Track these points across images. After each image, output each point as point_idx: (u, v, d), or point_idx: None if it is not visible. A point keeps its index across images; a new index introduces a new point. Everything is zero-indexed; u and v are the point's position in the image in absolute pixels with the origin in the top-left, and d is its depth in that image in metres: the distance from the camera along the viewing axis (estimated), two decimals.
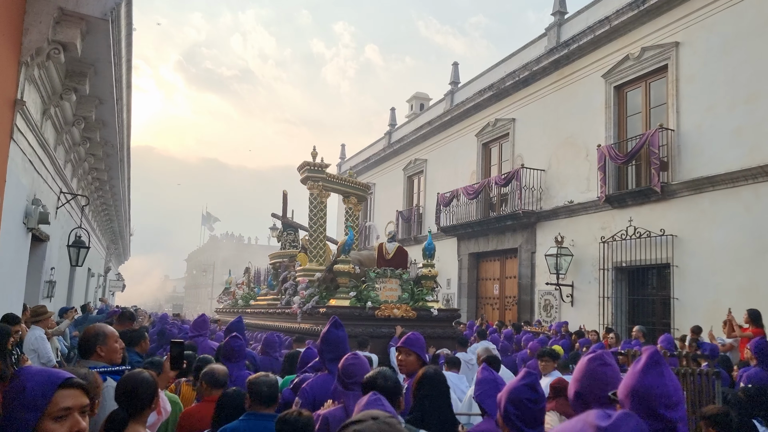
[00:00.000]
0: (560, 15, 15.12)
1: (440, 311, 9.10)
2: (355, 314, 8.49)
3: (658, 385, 1.78)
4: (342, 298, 8.68)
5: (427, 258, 9.48)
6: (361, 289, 8.87)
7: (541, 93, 15.47)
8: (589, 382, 2.12)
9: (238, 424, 3.11)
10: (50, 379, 1.58)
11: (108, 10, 5.94)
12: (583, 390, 2.12)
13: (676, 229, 11.23)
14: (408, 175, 22.81)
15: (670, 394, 1.77)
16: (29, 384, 1.55)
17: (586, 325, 12.05)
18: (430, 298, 9.28)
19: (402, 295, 9.05)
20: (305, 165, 10.56)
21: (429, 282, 9.39)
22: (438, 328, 8.91)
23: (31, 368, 1.62)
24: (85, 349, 3.21)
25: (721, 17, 10.87)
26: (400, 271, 9.29)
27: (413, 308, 8.88)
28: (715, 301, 10.13)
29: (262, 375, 3.30)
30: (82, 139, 9.76)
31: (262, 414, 3.12)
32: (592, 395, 2.09)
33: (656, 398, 1.76)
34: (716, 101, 10.83)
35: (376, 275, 9.00)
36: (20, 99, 5.94)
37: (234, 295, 16.43)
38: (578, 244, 13.56)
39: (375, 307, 8.60)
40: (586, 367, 2.14)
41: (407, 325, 8.33)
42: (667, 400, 1.76)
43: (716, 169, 10.59)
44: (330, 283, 9.22)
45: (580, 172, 13.81)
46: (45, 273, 9.46)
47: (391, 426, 1.45)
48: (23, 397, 1.53)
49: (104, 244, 22.91)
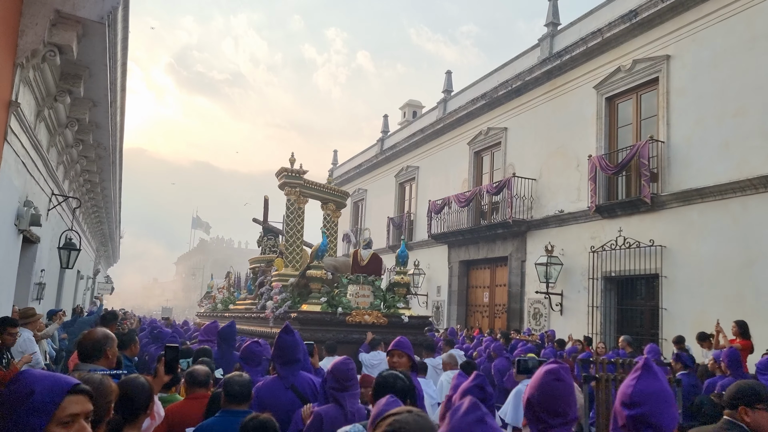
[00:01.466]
0: (553, 26, 15.27)
1: (411, 318, 9.18)
2: (326, 320, 8.53)
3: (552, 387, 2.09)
4: (314, 303, 8.73)
5: (399, 265, 9.60)
6: (333, 294, 8.91)
7: (534, 103, 15.60)
8: (540, 392, 2.19)
9: (214, 420, 3.34)
10: (59, 384, 1.57)
11: (105, 14, 5.95)
12: (533, 399, 2.19)
13: (665, 240, 11.34)
14: (400, 181, 22.88)
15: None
16: (38, 388, 1.53)
17: (574, 334, 12.11)
18: (402, 305, 9.34)
19: (374, 302, 9.10)
20: (283, 171, 10.58)
21: (401, 289, 9.48)
22: (409, 334, 8.94)
23: (35, 372, 1.61)
24: (94, 351, 3.20)
25: (711, 31, 11.03)
26: (373, 278, 9.35)
27: (385, 315, 8.93)
28: (703, 312, 10.23)
29: (236, 375, 3.52)
30: (75, 141, 9.73)
31: (236, 411, 3.32)
32: (540, 406, 2.16)
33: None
34: (705, 114, 10.98)
35: (348, 281, 9.06)
36: (14, 100, 5.93)
37: (214, 299, 16.36)
38: (568, 254, 13.65)
39: (346, 313, 8.66)
40: (542, 380, 2.20)
41: (378, 332, 8.40)
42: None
43: (705, 182, 10.72)
44: (303, 288, 9.26)
45: (571, 182, 13.92)
46: (35, 275, 9.41)
47: (424, 418, 1.57)
48: (31, 402, 1.51)
49: (94, 247, 22.79)
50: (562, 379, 2.19)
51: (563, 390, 2.18)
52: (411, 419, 1.55)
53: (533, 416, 2.19)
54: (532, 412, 2.19)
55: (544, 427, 2.15)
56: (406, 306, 9.53)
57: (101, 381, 2.25)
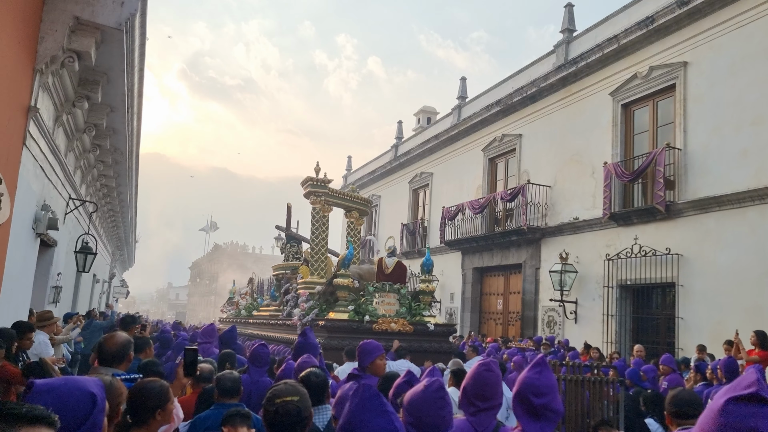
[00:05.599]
0: (569, 32, 15.21)
1: (437, 326, 9.16)
2: (353, 327, 8.55)
3: (532, 379, 2.46)
4: (341, 311, 8.78)
5: (425, 273, 9.60)
6: (360, 302, 8.93)
7: (549, 109, 15.53)
8: (473, 381, 2.62)
9: (209, 412, 3.76)
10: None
11: (123, 20, 6.02)
12: (468, 387, 2.62)
13: (681, 248, 11.21)
14: (414, 188, 22.86)
15: (539, 386, 2.42)
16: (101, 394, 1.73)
17: (589, 342, 11.99)
18: (427, 313, 9.34)
19: (400, 310, 9.12)
20: (308, 180, 10.69)
21: (426, 297, 9.48)
22: (434, 342, 8.97)
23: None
24: (117, 357, 3.28)
25: (729, 38, 10.93)
26: (398, 286, 9.36)
27: (410, 323, 8.94)
28: (720, 322, 10.09)
29: (227, 372, 4.00)
30: (92, 146, 9.84)
31: (228, 404, 3.70)
32: (472, 392, 2.59)
33: (528, 389, 2.43)
34: (723, 122, 10.86)
35: (374, 289, 9.09)
36: (33, 106, 6.01)
37: (237, 305, 16.47)
38: (583, 261, 13.54)
39: (373, 321, 8.67)
40: (476, 371, 2.64)
41: (404, 339, 8.39)
42: (536, 390, 2.41)
43: (722, 190, 10.60)
44: (330, 296, 9.31)
45: (586, 189, 13.82)
46: (52, 278, 9.51)
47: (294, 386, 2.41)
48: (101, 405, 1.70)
49: (110, 251, 23.00)
50: (492, 371, 2.62)
51: (491, 379, 2.60)
52: (283, 387, 2.36)
53: (467, 401, 2.61)
54: (467, 397, 2.61)
55: (475, 411, 2.57)
56: (431, 314, 9.52)
57: (111, 383, 2.27)
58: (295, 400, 2.35)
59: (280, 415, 2.32)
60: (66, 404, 1.63)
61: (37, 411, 1.24)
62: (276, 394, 2.39)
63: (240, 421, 3.29)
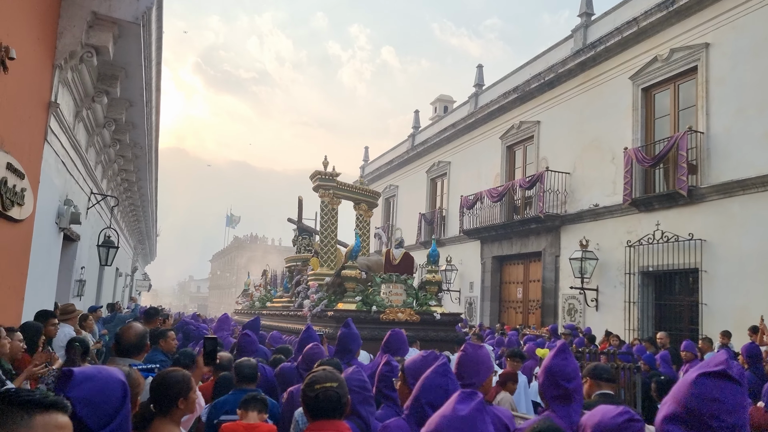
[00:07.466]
0: (587, 16, 14.99)
1: (443, 315, 9.28)
2: (361, 317, 8.67)
3: (560, 365, 2.64)
4: (349, 301, 8.94)
5: (431, 264, 9.76)
6: (368, 293, 9.07)
7: (567, 95, 15.35)
8: (458, 362, 2.89)
9: (228, 396, 3.94)
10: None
11: (139, 14, 6.06)
12: (457, 368, 2.85)
13: (704, 234, 11.05)
14: (431, 177, 22.79)
15: (568, 372, 2.61)
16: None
17: (611, 330, 11.91)
18: (434, 303, 9.47)
19: (407, 300, 9.25)
20: (317, 174, 10.88)
21: (433, 287, 9.65)
22: (441, 331, 9.10)
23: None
24: (135, 348, 3.39)
25: (751, 18, 10.69)
26: (405, 277, 9.49)
27: (417, 312, 9.07)
28: (745, 308, 9.94)
29: (245, 359, 4.16)
30: (112, 140, 9.95)
31: (245, 389, 3.86)
32: (457, 372, 2.81)
33: (558, 375, 2.61)
34: (746, 104, 10.64)
35: (381, 280, 9.23)
36: (54, 101, 6.09)
37: (252, 297, 16.63)
38: (603, 248, 13.41)
39: (380, 311, 8.80)
40: (461, 351, 2.92)
41: (411, 329, 8.47)
42: (566, 375, 2.60)
43: (746, 173, 10.40)
44: (338, 287, 9.45)
45: (606, 175, 13.66)
46: (75, 272, 9.66)
47: (332, 372, 2.67)
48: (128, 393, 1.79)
49: (131, 244, 23.29)
50: (466, 352, 2.90)
51: (468, 360, 2.86)
52: (322, 374, 2.54)
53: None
54: (458, 376, 2.85)
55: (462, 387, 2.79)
56: (438, 303, 9.64)
57: (129, 374, 2.31)
58: (334, 386, 2.49)
59: (320, 401, 2.45)
60: (105, 392, 1.71)
61: (51, 398, 1.29)
62: (315, 380, 2.50)
63: (253, 406, 3.43)
